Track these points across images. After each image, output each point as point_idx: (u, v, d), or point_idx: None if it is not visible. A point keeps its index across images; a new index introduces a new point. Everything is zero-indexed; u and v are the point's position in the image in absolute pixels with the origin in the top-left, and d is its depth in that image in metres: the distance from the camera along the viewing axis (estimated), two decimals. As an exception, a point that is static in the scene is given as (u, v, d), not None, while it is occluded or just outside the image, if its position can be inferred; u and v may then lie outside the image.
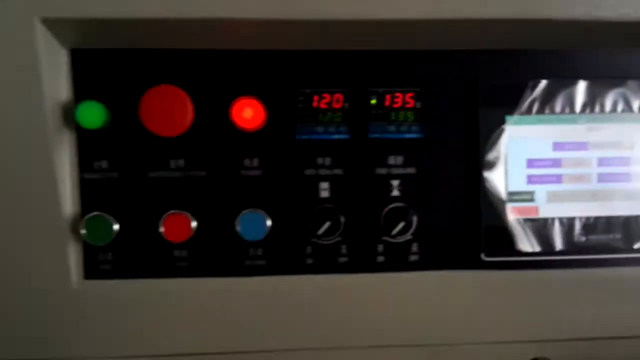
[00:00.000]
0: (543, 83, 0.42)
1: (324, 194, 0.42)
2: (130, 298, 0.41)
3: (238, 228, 0.40)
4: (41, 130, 0.37)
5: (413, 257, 0.43)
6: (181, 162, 0.41)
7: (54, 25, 0.37)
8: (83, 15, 0.36)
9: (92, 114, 0.38)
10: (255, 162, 0.41)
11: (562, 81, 0.43)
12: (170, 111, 0.38)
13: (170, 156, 0.41)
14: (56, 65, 0.39)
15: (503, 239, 0.43)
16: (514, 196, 0.43)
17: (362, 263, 0.43)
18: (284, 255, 0.42)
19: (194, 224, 0.40)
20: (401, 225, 0.40)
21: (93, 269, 0.41)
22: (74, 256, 0.40)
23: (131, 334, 0.41)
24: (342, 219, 0.41)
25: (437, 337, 0.43)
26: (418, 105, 0.41)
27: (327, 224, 0.40)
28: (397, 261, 0.43)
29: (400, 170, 0.42)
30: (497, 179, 0.42)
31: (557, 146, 0.43)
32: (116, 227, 0.40)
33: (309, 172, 0.42)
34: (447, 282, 0.43)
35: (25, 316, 0.40)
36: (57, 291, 0.40)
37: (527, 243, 0.43)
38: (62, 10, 0.36)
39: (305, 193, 0.42)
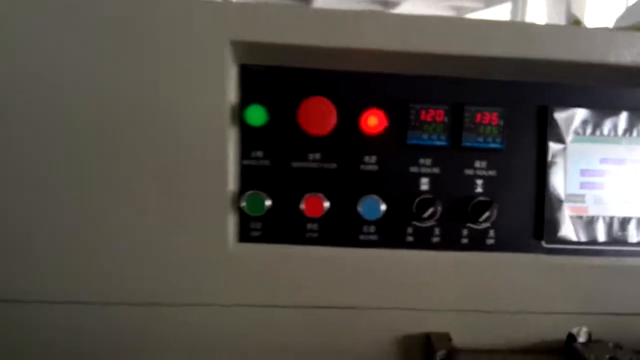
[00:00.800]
0: (596, 112, 0.55)
1: (424, 187, 0.54)
2: (272, 259, 0.52)
3: (359, 209, 0.52)
4: (219, 126, 0.49)
5: (489, 241, 0.55)
6: (317, 155, 0.52)
7: (235, 46, 0.49)
8: (259, 40, 0.48)
9: (256, 115, 0.50)
10: (374, 159, 0.53)
11: (610, 111, 0.55)
12: (321, 116, 0.50)
13: (309, 151, 0.52)
14: (229, 77, 0.50)
15: (560, 230, 0.55)
16: (569, 197, 0.55)
17: (450, 243, 0.54)
18: (391, 233, 0.54)
19: (326, 204, 0.52)
20: (486, 214, 0.52)
21: (245, 234, 0.52)
22: (231, 223, 0.51)
23: (271, 288, 0.52)
24: (439, 208, 0.53)
25: (503, 306, 0.55)
26: (501, 122, 0.53)
27: (430, 210, 0.51)
28: (477, 243, 0.54)
29: (484, 172, 0.54)
30: (558, 184, 0.54)
31: (603, 161, 0.56)
32: (268, 202, 0.51)
33: (413, 169, 0.54)
34: (514, 263, 0.54)
35: (189, 268, 0.51)
36: (216, 250, 0.51)
37: (577, 235, 0.55)
38: (244, 35, 0.48)
39: (410, 185, 0.54)
